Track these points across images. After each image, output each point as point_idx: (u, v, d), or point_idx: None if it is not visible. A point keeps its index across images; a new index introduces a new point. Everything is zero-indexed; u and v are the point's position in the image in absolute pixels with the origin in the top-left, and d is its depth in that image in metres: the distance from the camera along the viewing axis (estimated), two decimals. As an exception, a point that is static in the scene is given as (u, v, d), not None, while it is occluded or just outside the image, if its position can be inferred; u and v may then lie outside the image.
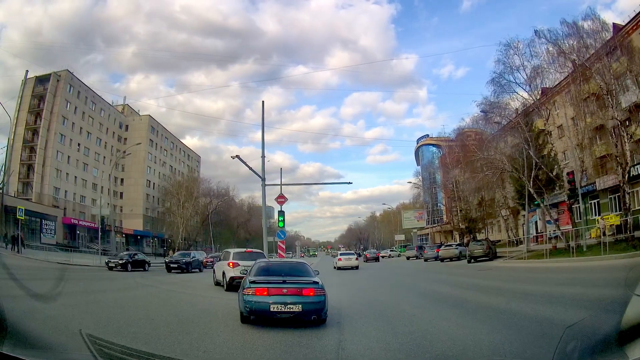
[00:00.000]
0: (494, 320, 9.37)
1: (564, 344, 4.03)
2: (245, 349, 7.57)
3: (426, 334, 8.12)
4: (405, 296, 15.60)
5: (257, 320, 9.04)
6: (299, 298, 8.85)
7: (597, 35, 29.11)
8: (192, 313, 11.75)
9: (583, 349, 3.77)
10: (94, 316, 10.48)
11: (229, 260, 18.67)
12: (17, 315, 6.35)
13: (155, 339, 7.88)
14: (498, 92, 33.28)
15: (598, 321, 6.15)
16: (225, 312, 11.43)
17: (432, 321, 9.65)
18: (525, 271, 23.95)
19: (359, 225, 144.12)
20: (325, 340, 7.93)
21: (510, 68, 32.03)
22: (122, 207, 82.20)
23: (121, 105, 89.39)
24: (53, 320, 8.71)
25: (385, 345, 7.62)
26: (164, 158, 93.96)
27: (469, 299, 13.37)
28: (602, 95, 28.35)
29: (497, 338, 7.47)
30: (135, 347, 5.82)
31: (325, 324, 9.26)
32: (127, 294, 16.89)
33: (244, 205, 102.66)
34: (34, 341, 5.01)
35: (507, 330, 8.00)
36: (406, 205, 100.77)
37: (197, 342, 7.61)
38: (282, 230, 31.11)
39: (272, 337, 8.25)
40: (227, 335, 8.71)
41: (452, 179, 61.31)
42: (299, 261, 14.42)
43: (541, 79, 32.36)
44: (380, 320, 10.08)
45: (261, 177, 27.92)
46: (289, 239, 69.44)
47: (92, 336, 4.56)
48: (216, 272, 21.02)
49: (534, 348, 6.56)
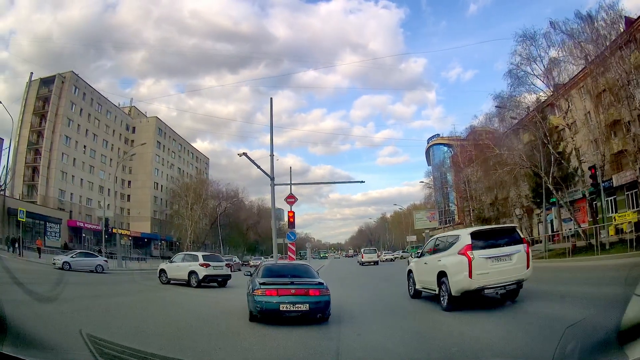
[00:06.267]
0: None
1: (564, 344, 4.06)
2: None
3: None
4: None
5: (263, 318, 9.62)
6: (306, 298, 9.55)
7: (612, 27, 28.36)
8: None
9: (583, 348, 3.80)
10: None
11: (200, 262, 21.44)
12: (17, 315, 6.33)
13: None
14: (515, 85, 32.34)
15: (598, 321, 6.16)
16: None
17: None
18: (552, 271, 22.68)
19: (370, 226, 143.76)
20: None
21: (527, 59, 31.08)
22: (130, 209, 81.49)
23: (128, 107, 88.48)
24: (53, 320, 8.98)
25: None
26: (172, 160, 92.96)
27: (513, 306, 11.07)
28: (618, 88, 27.55)
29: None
30: (135, 347, 5.80)
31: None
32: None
33: (254, 207, 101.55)
34: (34, 341, 5.04)
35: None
36: (417, 206, 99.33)
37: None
38: (292, 231, 29.90)
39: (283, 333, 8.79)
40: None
41: (464, 178, 60.74)
42: (302, 263, 15.33)
43: (559, 71, 31.39)
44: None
45: (270, 176, 26.73)
46: (299, 240, 68.23)
47: (92, 336, 4.62)
48: (170, 271, 22.62)
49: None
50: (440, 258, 11.98)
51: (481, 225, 51.73)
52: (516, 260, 10.92)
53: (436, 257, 12.31)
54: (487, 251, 10.82)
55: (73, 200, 66.58)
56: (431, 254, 12.96)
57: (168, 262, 24.15)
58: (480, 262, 10.60)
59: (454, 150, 74.53)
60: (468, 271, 10.48)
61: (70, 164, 65.97)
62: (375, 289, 20.50)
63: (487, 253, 10.78)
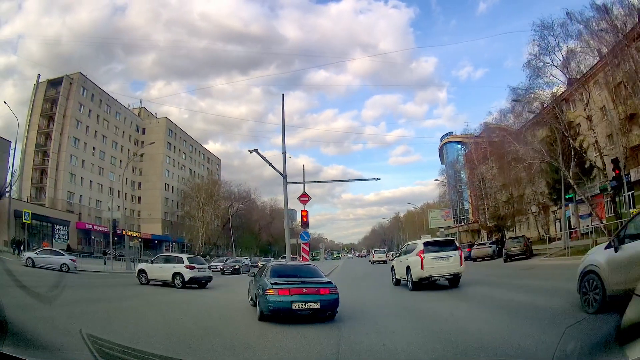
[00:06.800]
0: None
1: (564, 344, 4.09)
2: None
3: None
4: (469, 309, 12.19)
5: (274, 317, 9.95)
6: (317, 297, 9.99)
7: (629, 17, 27.84)
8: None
9: (583, 348, 3.79)
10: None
11: (186, 264, 22.03)
12: (18, 315, 6.38)
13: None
14: (533, 77, 32.02)
15: (598, 321, 6.34)
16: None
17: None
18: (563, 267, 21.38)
19: (383, 226, 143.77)
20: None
21: (545, 49, 30.77)
22: (140, 211, 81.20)
23: (137, 109, 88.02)
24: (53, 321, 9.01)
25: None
26: (183, 161, 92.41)
27: (541, 304, 10.66)
28: (635, 80, 27.01)
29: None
30: (136, 347, 5.77)
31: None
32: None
33: (266, 208, 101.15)
34: (34, 341, 5.04)
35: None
36: (431, 205, 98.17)
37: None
38: (305, 231, 28.70)
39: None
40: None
41: (479, 176, 60.71)
42: (307, 263, 16.32)
43: (577, 62, 30.84)
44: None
45: (282, 174, 25.79)
46: (312, 241, 67.32)
47: (92, 336, 4.58)
48: (151, 272, 22.76)
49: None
50: (407, 258, 18.05)
51: (496, 223, 51.92)
52: (453, 260, 16.84)
53: (405, 257, 18.44)
54: (434, 254, 16.81)
55: (82, 203, 66.18)
56: (403, 255, 19.30)
57: (148, 262, 24.31)
58: (429, 260, 16.57)
59: (468, 148, 74.28)
60: (421, 266, 16.58)
61: (79, 166, 65.57)
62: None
63: (434, 255, 16.77)
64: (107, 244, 61.08)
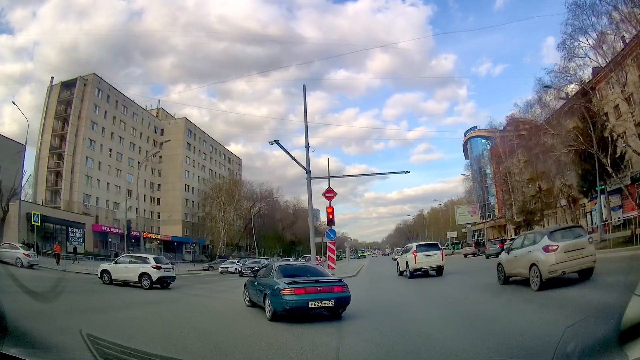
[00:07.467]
0: None
1: (564, 344, 4.06)
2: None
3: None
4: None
5: (286, 316, 10.16)
6: (331, 294, 10.29)
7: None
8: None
9: (583, 348, 3.77)
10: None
11: (153, 264, 21.95)
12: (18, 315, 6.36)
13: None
14: (567, 58, 30.98)
15: (598, 321, 6.24)
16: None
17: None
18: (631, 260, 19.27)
19: (407, 224, 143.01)
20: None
21: (579, 29, 29.52)
22: (160, 213, 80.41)
23: (155, 110, 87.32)
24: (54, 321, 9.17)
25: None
26: (203, 161, 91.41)
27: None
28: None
29: None
30: (136, 347, 5.84)
31: None
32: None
33: (289, 207, 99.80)
34: (34, 341, 5.01)
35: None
36: (455, 202, 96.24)
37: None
38: (331, 229, 27.64)
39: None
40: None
41: (505, 170, 59.79)
42: (310, 263, 16.72)
43: (612, 42, 29.31)
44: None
45: (306, 169, 24.63)
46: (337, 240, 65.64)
47: (92, 336, 4.67)
48: (116, 272, 22.51)
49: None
50: (406, 255, 24.79)
51: (524, 218, 50.14)
52: (436, 256, 23.43)
53: (405, 255, 25.43)
54: (423, 253, 23.53)
55: (99, 205, 65.45)
56: (404, 253, 26.17)
57: (112, 263, 24.18)
58: (420, 257, 23.32)
59: (493, 142, 73.05)
60: (414, 261, 23.33)
61: (95, 168, 64.80)
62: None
63: (423, 253, 23.46)
64: (125, 247, 60.35)
